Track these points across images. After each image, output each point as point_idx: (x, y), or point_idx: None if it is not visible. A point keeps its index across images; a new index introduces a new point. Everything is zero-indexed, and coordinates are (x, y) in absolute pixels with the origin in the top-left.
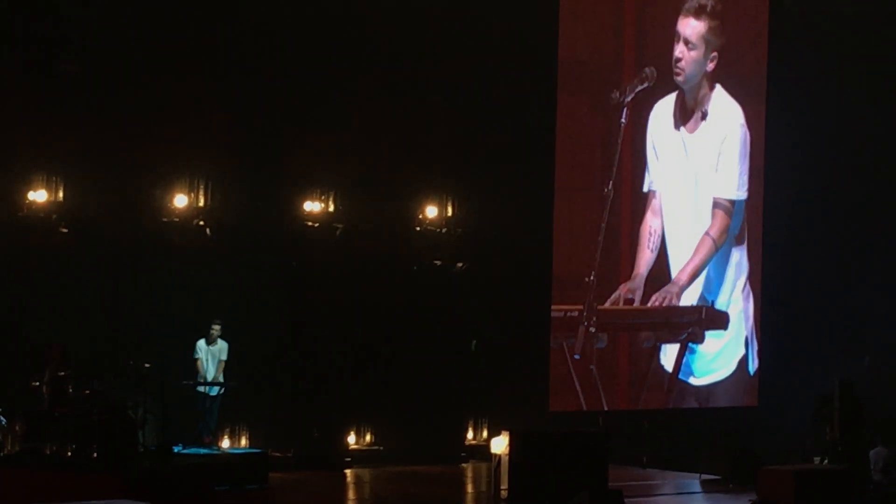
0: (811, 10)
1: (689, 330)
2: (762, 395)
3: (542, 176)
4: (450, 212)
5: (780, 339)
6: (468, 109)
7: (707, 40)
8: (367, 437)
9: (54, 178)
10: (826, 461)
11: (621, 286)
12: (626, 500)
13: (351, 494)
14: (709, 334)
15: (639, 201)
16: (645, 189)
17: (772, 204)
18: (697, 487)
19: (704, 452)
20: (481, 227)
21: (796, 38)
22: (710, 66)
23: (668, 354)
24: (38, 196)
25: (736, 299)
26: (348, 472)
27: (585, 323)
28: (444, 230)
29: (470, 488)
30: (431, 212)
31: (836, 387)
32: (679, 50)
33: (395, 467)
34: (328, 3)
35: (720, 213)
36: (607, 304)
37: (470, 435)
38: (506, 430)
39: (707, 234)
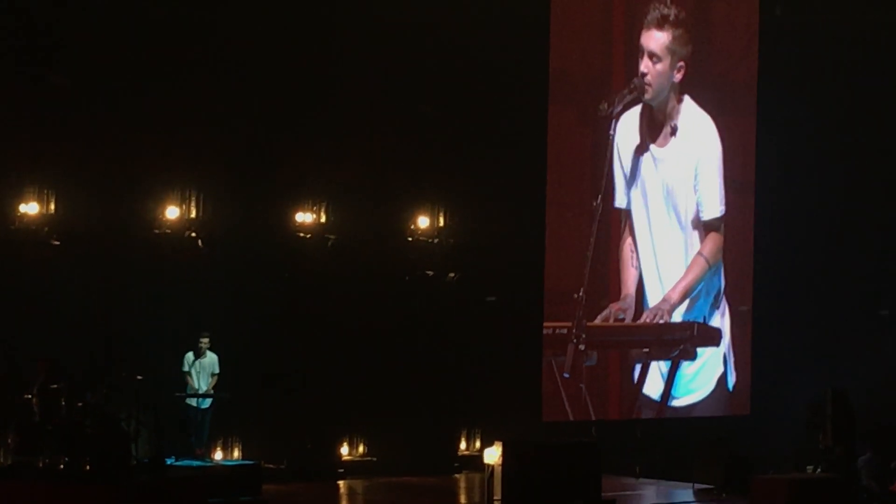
0: (800, 20)
1: (681, 347)
2: (754, 403)
3: (533, 187)
4: (442, 222)
5: (772, 348)
6: (459, 119)
7: (672, 51)
8: (360, 448)
9: (46, 191)
10: (819, 469)
11: (612, 305)
12: None
13: None
14: None
15: (625, 217)
16: (616, 205)
17: (759, 215)
18: (691, 497)
19: (697, 462)
20: (473, 237)
21: (785, 49)
22: (678, 77)
23: (650, 381)
24: (30, 209)
25: (715, 316)
26: (341, 483)
27: (575, 340)
28: (436, 240)
29: (463, 499)
30: (423, 222)
31: (828, 395)
32: (644, 64)
33: (388, 478)
34: (319, 15)
35: (712, 234)
36: (597, 321)
37: (463, 445)
38: (499, 440)
39: (700, 254)
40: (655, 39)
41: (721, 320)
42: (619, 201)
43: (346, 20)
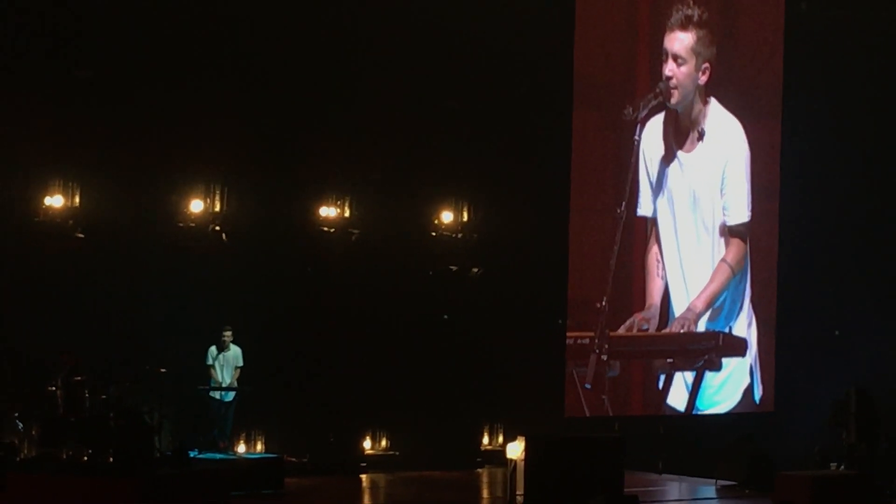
0: (827, 16)
1: (706, 357)
2: (778, 401)
3: (557, 183)
4: (465, 217)
5: (795, 346)
6: (484, 114)
7: (697, 52)
8: (383, 443)
9: (70, 184)
10: (842, 467)
11: (636, 315)
12: None
13: (366, 500)
14: None
15: (651, 226)
16: (638, 214)
17: (782, 218)
18: (713, 493)
19: (721, 458)
20: (497, 232)
21: (811, 49)
22: (703, 79)
23: (675, 392)
24: (55, 201)
25: (739, 326)
26: (364, 477)
27: (597, 350)
28: (459, 235)
29: (486, 493)
30: (447, 217)
31: (851, 392)
32: (669, 68)
33: (410, 472)
34: (344, 10)
35: (736, 240)
36: (620, 331)
37: (485, 440)
38: (521, 435)
39: (724, 260)
40: (679, 41)
41: (748, 330)
42: (645, 210)
43: (371, 15)
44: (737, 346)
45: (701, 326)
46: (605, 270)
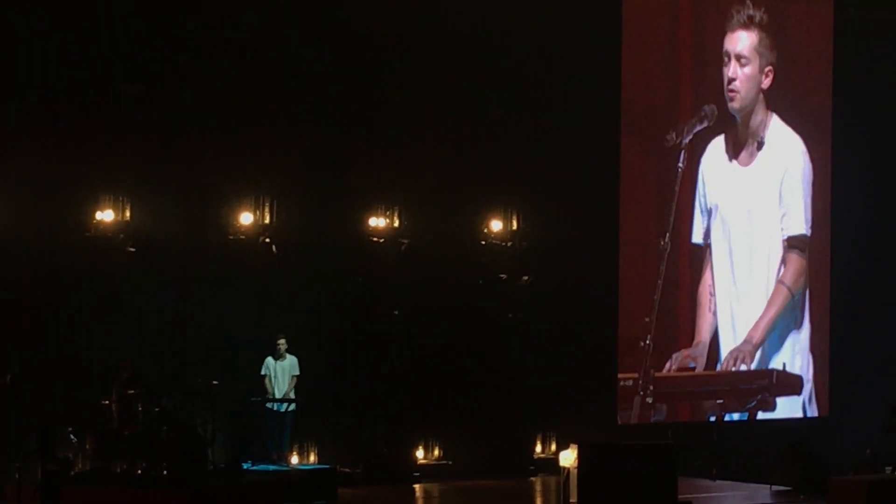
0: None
1: (759, 397)
2: (833, 405)
3: (606, 195)
4: (515, 225)
5: (850, 349)
6: (532, 122)
7: (760, 53)
8: (436, 452)
9: (121, 198)
10: None
11: (682, 352)
12: None
13: None
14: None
15: (698, 256)
16: (694, 241)
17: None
18: (768, 498)
19: (775, 463)
20: (547, 240)
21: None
22: (766, 83)
23: None
24: (106, 216)
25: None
26: (417, 486)
27: (641, 392)
28: (509, 244)
29: (539, 502)
30: (496, 225)
31: None
32: (731, 70)
33: (463, 481)
34: (393, 21)
35: (793, 256)
36: (665, 371)
37: (538, 448)
38: (574, 442)
39: (780, 281)
40: (742, 40)
41: (804, 363)
42: (699, 237)
43: (420, 27)
44: (792, 384)
45: (758, 359)
46: (649, 306)
